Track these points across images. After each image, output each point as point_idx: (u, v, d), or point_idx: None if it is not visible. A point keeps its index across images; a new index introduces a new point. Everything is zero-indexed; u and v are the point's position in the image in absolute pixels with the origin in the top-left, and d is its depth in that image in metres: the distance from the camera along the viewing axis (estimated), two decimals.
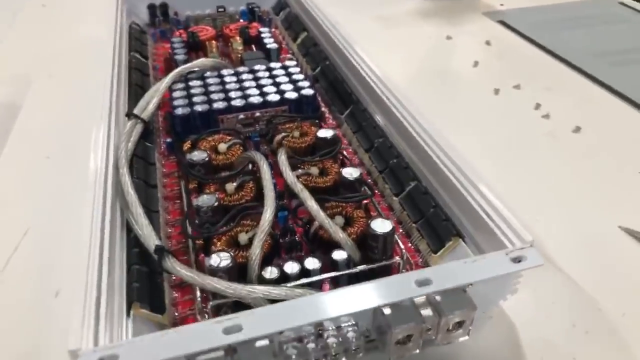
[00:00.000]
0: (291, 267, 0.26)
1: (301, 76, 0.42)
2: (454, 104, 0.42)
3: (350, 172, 0.30)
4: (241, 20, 0.57)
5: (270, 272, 0.25)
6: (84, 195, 0.27)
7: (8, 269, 0.31)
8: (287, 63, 0.44)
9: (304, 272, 0.26)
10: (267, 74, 0.42)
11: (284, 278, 0.26)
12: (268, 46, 0.47)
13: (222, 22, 0.56)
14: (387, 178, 0.33)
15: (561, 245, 0.32)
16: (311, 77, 0.44)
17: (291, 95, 0.39)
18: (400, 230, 0.31)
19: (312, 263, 0.26)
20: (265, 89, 0.40)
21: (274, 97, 0.39)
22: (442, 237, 0.28)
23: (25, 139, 0.43)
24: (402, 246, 0.29)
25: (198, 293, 0.25)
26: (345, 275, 0.26)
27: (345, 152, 0.37)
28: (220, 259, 0.24)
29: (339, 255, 0.26)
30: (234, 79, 0.41)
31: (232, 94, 0.39)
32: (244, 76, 0.42)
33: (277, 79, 0.41)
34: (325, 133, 0.34)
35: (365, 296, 0.21)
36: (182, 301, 0.26)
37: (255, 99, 0.39)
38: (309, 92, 0.40)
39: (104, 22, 0.63)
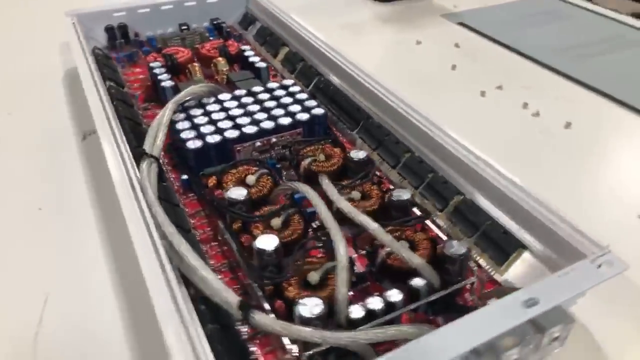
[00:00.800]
0: (376, 303, 0.24)
1: (304, 95, 0.40)
2: (446, 109, 0.43)
3: (400, 194, 0.30)
4: (211, 39, 0.55)
5: (356, 311, 0.24)
6: (137, 253, 0.24)
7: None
8: (285, 82, 0.42)
9: (388, 306, 0.25)
10: (267, 95, 0.40)
11: (369, 315, 0.24)
12: (257, 65, 0.46)
13: (192, 42, 0.53)
14: (427, 194, 0.33)
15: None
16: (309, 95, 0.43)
17: (302, 116, 0.38)
18: None
19: (394, 295, 0.25)
20: (273, 113, 0.38)
21: (285, 120, 0.37)
22: (505, 249, 0.28)
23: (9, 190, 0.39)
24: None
25: (287, 344, 0.23)
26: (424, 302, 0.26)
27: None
28: (311, 306, 0.23)
29: (417, 282, 0.26)
30: (235, 103, 0.39)
31: (241, 121, 0.37)
32: (245, 100, 0.40)
33: (281, 100, 0.40)
34: (357, 154, 0.33)
35: (483, 327, 0.21)
36: (264, 354, 0.24)
37: (268, 124, 0.37)
38: (319, 111, 0.39)
39: (61, 46, 0.58)
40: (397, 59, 0.56)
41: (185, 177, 0.34)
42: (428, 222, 0.31)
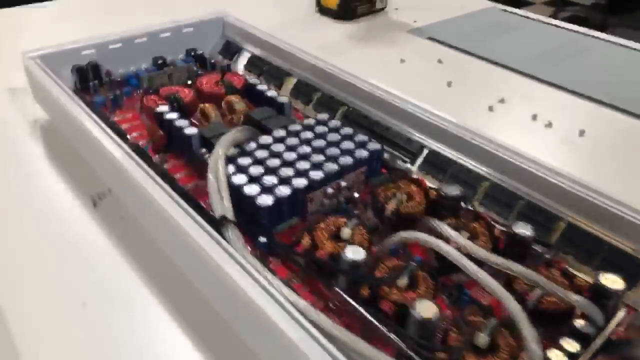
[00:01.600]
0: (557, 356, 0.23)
1: (349, 130, 0.38)
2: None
3: (522, 229, 0.28)
4: (200, 72, 0.49)
5: None
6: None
7: None
8: (321, 117, 0.39)
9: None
10: (310, 134, 0.37)
11: None
12: (278, 100, 0.42)
13: (180, 78, 0.48)
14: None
15: None
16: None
17: (361, 153, 0.35)
18: None
19: (569, 345, 0.23)
20: (329, 153, 0.35)
21: (346, 160, 0.34)
22: (631, 271, 0.28)
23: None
24: None
25: None
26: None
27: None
28: None
29: (580, 323, 0.24)
30: (282, 146, 0.35)
31: (301, 166, 0.33)
32: (290, 141, 0.36)
33: (329, 138, 0.37)
34: (451, 190, 0.31)
35: None
36: None
37: (332, 167, 0.33)
38: (375, 146, 0.36)
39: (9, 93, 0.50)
40: (391, 79, 0.55)
41: (262, 239, 0.30)
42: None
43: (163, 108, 0.39)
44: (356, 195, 0.34)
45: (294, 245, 0.30)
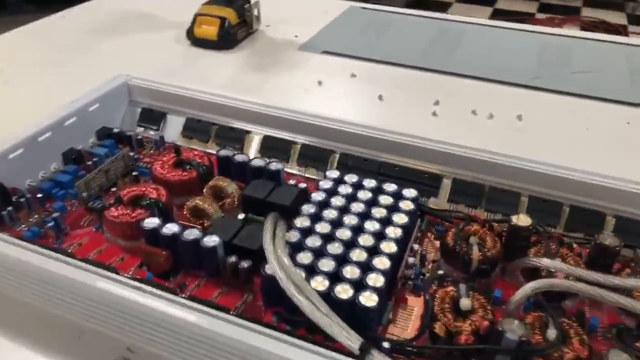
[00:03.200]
0: None
1: (372, 182, 0.34)
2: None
3: (612, 240, 0.29)
4: (138, 157, 0.40)
5: None
6: None
7: None
8: (330, 174, 0.35)
9: None
10: (340, 200, 0.33)
11: None
12: (270, 168, 0.36)
13: (116, 170, 0.38)
14: None
15: None
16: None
17: (408, 206, 0.33)
18: None
19: None
20: (377, 214, 0.32)
21: (404, 221, 0.31)
22: None
23: None
24: None
25: None
26: None
27: None
28: None
29: None
30: (328, 227, 0.31)
31: (365, 243, 0.30)
32: (328, 215, 0.32)
33: (361, 196, 0.33)
34: (523, 220, 0.31)
35: None
36: None
37: (399, 234, 0.30)
38: (411, 193, 0.34)
39: None
40: (319, 106, 0.52)
41: (386, 345, 0.26)
42: None
43: (151, 221, 0.31)
44: (415, 247, 0.32)
45: (415, 338, 0.27)
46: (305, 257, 0.29)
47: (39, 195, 0.36)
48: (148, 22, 0.71)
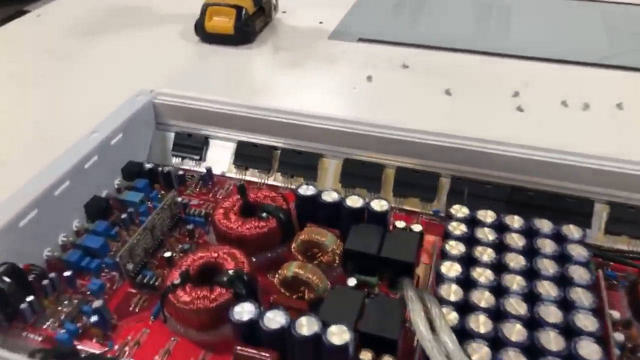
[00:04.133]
0: None
1: (517, 219, 0.26)
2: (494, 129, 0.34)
3: None
4: (180, 198, 0.31)
5: None
6: None
7: None
8: (460, 212, 0.26)
9: None
10: (489, 254, 0.24)
11: None
12: (377, 207, 0.27)
13: (162, 224, 0.29)
14: None
15: None
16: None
17: (578, 251, 0.24)
18: None
19: None
20: (550, 275, 0.23)
21: (582, 277, 0.23)
22: None
23: None
24: None
25: None
26: None
27: None
28: None
29: None
30: (490, 298, 0.22)
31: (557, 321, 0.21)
32: (483, 277, 0.23)
33: (513, 244, 0.25)
34: None
35: None
36: None
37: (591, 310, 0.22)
38: (576, 233, 0.26)
39: None
40: (398, 112, 0.43)
41: None
42: None
43: (243, 309, 0.22)
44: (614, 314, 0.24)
45: None
46: (482, 351, 0.21)
47: (67, 274, 0.26)
48: (144, 18, 0.60)
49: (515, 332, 0.21)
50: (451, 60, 0.51)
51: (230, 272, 0.24)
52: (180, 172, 0.33)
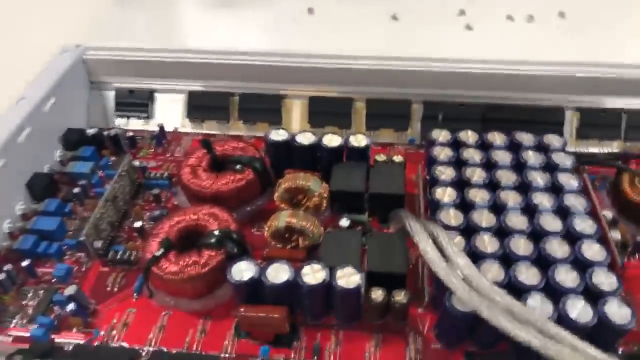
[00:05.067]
0: None
1: (498, 136, 0.26)
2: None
3: None
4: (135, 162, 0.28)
5: None
6: None
7: None
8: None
9: None
10: (476, 175, 0.24)
11: None
12: (357, 143, 0.25)
13: (124, 191, 0.26)
14: None
15: None
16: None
17: (565, 161, 0.24)
18: None
19: None
20: (542, 186, 0.23)
21: (570, 183, 0.23)
22: None
23: None
24: None
25: None
26: None
27: None
28: None
29: None
30: (491, 218, 0.22)
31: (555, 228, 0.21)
32: (479, 197, 0.23)
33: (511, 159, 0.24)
34: None
35: None
36: None
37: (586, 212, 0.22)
38: (557, 141, 0.25)
39: None
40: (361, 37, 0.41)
41: None
42: None
43: (241, 268, 0.20)
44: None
45: None
46: (493, 269, 0.20)
47: (25, 263, 0.23)
48: None
49: (522, 246, 0.21)
50: None
51: (216, 232, 0.22)
52: (130, 134, 0.29)
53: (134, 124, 0.31)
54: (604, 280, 0.20)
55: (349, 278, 0.20)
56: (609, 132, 0.29)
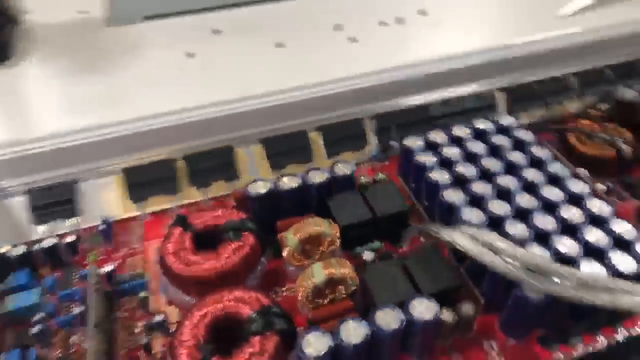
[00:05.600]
0: None
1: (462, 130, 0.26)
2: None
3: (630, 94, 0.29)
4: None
5: None
6: None
7: None
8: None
9: None
10: (467, 171, 0.24)
11: None
12: (340, 171, 0.24)
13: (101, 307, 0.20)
14: None
15: None
16: None
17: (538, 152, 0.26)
18: None
19: None
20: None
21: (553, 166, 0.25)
22: None
23: None
24: None
25: None
26: None
27: None
28: None
29: None
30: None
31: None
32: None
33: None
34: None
35: None
36: None
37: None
38: (525, 135, 0.27)
39: None
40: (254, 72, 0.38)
41: None
42: None
43: (315, 342, 0.17)
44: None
45: None
46: (536, 250, 0.21)
47: None
48: None
49: (548, 221, 0.22)
50: (262, 13, 0.48)
51: (254, 314, 0.19)
52: (71, 239, 0.24)
53: (61, 228, 0.25)
54: (624, 229, 0.22)
55: (424, 307, 0.19)
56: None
